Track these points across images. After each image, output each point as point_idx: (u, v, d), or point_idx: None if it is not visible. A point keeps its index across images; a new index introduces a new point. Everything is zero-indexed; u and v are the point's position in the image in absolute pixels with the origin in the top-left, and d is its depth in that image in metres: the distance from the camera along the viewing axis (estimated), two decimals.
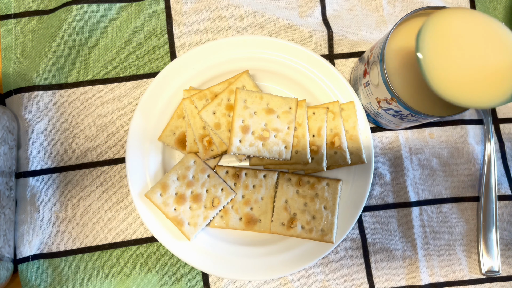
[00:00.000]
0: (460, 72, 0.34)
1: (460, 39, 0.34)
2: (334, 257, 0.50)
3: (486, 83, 0.33)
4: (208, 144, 0.48)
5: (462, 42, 0.34)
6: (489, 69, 0.33)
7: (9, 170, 0.48)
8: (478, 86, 0.34)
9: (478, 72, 0.33)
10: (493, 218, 0.50)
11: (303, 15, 0.54)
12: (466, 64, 0.34)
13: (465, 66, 0.34)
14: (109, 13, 0.52)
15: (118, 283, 0.49)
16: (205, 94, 0.48)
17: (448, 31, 0.34)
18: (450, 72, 0.34)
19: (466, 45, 0.34)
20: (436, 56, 0.34)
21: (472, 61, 0.34)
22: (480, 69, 0.33)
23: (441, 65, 0.34)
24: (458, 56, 0.34)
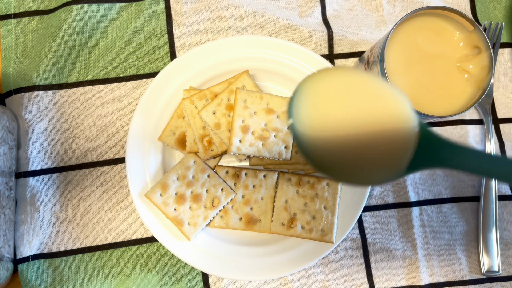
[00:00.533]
0: (336, 142, 0.28)
1: (338, 102, 0.28)
2: (334, 257, 0.50)
3: (368, 156, 0.27)
4: (208, 144, 0.48)
5: (340, 106, 0.28)
6: (372, 139, 0.27)
7: (9, 170, 0.48)
8: (357, 160, 0.28)
9: (358, 142, 0.27)
10: (493, 218, 0.50)
11: (303, 15, 0.54)
12: (344, 132, 0.28)
13: (343, 134, 0.28)
14: (109, 13, 0.52)
15: (118, 283, 0.49)
16: (205, 94, 0.48)
17: (324, 94, 0.28)
18: (325, 142, 0.28)
19: (344, 110, 0.28)
20: (309, 123, 0.28)
21: (351, 129, 0.27)
22: (360, 138, 0.27)
23: (314, 133, 0.28)
24: (335, 124, 0.28)
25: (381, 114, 0.27)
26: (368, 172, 0.28)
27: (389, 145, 0.27)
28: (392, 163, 0.27)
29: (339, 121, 0.27)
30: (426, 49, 0.42)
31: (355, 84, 0.28)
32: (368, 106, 0.27)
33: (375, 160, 0.27)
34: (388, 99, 0.28)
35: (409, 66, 0.42)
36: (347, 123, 0.27)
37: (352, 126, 0.27)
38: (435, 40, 0.42)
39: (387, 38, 0.40)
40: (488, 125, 0.52)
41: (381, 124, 0.27)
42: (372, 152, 0.27)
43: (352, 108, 0.28)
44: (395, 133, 0.27)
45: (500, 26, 0.53)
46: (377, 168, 0.28)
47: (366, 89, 0.28)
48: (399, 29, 0.42)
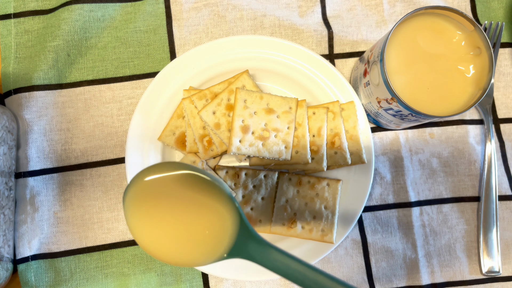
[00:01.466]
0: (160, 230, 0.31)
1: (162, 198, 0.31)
2: (334, 257, 0.50)
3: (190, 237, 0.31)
4: (208, 144, 0.48)
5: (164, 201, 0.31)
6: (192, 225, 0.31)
7: (9, 170, 0.48)
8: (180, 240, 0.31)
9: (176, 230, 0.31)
10: (493, 218, 0.50)
11: (303, 14, 0.54)
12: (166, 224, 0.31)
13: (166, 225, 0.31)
14: (108, 12, 0.52)
15: (118, 283, 0.49)
16: (205, 94, 0.48)
17: (148, 191, 0.31)
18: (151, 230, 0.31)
19: (167, 204, 0.31)
20: (139, 215, 0.31)
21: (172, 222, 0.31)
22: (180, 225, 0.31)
23: (143, 224, 0.31)
24: (160, 216, 0.31)
25: (201, 205, 0.31)
26: (190, 252, 0.31)
27: (207, 231, 0.31)
28: (211, 247, 0.31)
29: (162, 220, 0.31)
30: (426, 49, 0.42)
31: (177, 185, 0.31)
32: (188, 202, 0.31)
33: (196, 241, 0.31)
34: (208, 192, 0.31)
35: (409, 66, 0.42)
36: (169, 220, 0.31)
37: (173, 221, 0.31)
38: (436, 40, 0.42)
39: (387, 38, 0.40)
40: (488, 125, 0.52)
41: (200, 213, 0.31)
42: (193, 234, 0.31)
43: (174, 206, 0.31)
44: (213, 220, 0.31)
45: (500, 26, 0.53)
46: (198, 250, 0.31)
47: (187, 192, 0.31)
48: (399, 29, 0.42)
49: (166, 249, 0.31)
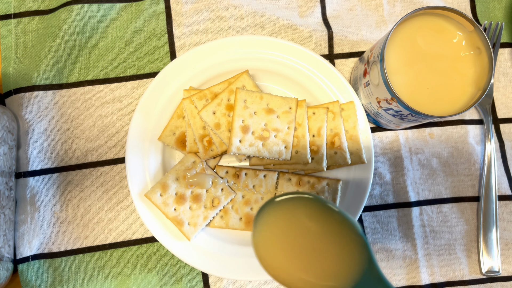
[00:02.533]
0: (290, 260, 0.32)
1: (294, 228, 0.32)
2: None
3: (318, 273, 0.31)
4: (208, 144, 0.48)
5: (295, 231, 0.32)
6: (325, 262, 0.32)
7: (9, 170, 0.48)
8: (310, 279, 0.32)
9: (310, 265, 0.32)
10: (493, 218, 0.50)
11: (303, 15, 0.54)
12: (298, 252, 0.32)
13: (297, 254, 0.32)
14: (109, 13, 0.52)
15: (118, 283, 0.49)
16: (205, 94, 0.48)
17: (283, 220, 0.32)
18: (279, 258, 0.32)
19: (299, 234, 0.32)
20: (267, 239, 0.32)
21: (304, 251, 0.32)
22: (313, 263, 0.32)
23: (270, 248, 0.32)
24: (290, 245, 0.32)
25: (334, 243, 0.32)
26: (317, 280, 0.31)
27: (336, 269, 0.31)
28: (335, 281, 0.31)
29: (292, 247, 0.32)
30: (426, 49, 0.42)
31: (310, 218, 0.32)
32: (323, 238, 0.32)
33: (328, 272, 0.31)
34: (342, 228, 0.32)
35: (409, 66, 0.42)
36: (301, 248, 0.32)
37: (304, 250, 0.32)
38: (435, 40, 0.42)
39: (387, 38, 0.40)
40: (488, 125, 0.52)
41: (331, 252, 0.31)
42: (326, 265, 0.31)
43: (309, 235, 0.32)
44: (340, 256, 0.31)
45: (500, 26, 0.53)
46: (325, 279, 0.31)
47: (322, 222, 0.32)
48: (399, 29, 0.42)
49: (293, 276, 0.32)
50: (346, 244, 0.32)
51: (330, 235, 0.32)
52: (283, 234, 0.32)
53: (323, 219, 0.32)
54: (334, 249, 0.32)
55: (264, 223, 0.32)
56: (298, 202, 0.32)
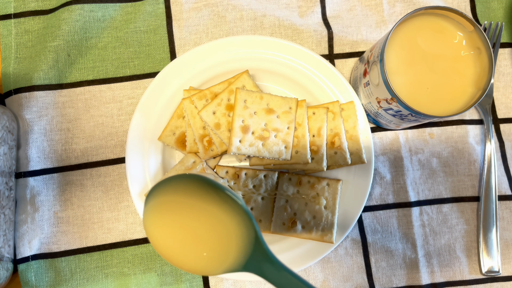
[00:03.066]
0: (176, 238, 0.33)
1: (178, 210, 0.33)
2: (334, 257, 0.50)
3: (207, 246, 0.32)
4: (208, 144, 0.48)
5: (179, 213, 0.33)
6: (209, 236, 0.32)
7: (9, 170, 0.48)
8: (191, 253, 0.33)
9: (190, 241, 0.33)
10: (493, 218, 0.50)
11: (303, 15, 0.54)
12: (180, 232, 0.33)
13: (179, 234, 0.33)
14: (109, 13, 0.52)
15: (118, 283, 0.49)
16: (205, 94, 0.48)
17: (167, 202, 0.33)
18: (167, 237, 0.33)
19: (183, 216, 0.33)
20: (155, 220, 0.33)
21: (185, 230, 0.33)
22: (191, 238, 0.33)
23: (157, 229, 0.33)
24: (174, 225, 0.33)
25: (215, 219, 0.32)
26: (206, 259, 0.32)
27: (217, 241, 0.32)
28: (219, 257, 0.32)
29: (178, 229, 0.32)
30: (426, 49, 0.42)
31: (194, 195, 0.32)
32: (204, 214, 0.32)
33: (212, 250, 0.32)
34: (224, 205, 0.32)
35: (409, 66, 0.42)
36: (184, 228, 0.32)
37: (187, 230, 0.32)
38: (435, 40, 0.42)
39: (387, 38, 0.40)
40: (488, 125, 0.52)
41: (215, 227, 0.32)
42: (210, 243, 0.32)
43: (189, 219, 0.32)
44: (222, 232, 0.32)
45: (500, 26, 0.53)
46: (213, 258, 0.32)
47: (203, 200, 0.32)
48: (399, 29, 0.42)
49: (177, 253, 0.32)
50: (231, 223, 0.31)
51: (213, 215, 0.32)
52: (169, 215, 0.32)
53: (206, 199, 0.32)
54: (219, 229, 0.32)
55: (151, 204, 0.32)
56: (183, 182, 0.32)
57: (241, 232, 0.31)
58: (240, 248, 0.31)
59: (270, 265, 0.31)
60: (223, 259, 0.32)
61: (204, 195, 0.32)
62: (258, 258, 0.31)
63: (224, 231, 0.32)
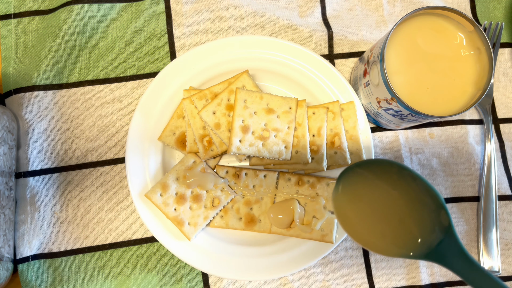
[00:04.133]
0: (366, 222, 0.34)
1: (368, 194, 0.35)
2: (334, 257, 0.50)
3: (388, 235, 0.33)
4: (208, 144, 0.48)
5: (370, 197, 0.34)
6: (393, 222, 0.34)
7: (9, 170, 0.48)
8: (381, 236, 0.34)
9: (380, 223, 0.34)
10: (493, 218, 0.50)
11: (303, 15, 0.54)
12: (371, 216, 0.34)
13: (370, 217, 0.34)
14: (109, 13, 0.52)
15: (118, 283, 0.49)
16: (205, 94, 0.48)
17: (358, 188, 0.35)
18: (356, 218, 0.35)
19: (373, 200, 0.34)
20: (346, 202, 0.35)
21: (377, 215, 0.34)
22: (384, 221, 0.34)
23: (350, 211, 0.34)
24: (365, 208, 0.35)
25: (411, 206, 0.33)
26: (391, 243, 0.33)
27: (413, 228, 0.32)
28: (410, 243, 0.32)
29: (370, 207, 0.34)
30: (426, 49, 0.42)
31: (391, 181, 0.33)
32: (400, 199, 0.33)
33: (398, 233, 0.33)
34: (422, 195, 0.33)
35: (409, 66, 0.42)
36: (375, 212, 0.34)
37: (383, 209, 0.33)
38: (435, 40, 0.42)
39: (387, 38, 0.40)
40: (488, 125, 0.52)
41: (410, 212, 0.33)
42: (397, 226, 0.33)
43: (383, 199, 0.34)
44: (421, 222, 0.32)
45: (500, 26, 0.53)
46: (399, 243, 0.33)
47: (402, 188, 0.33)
48: (399, 29, 0.42)
49: (364, 232, 0.34)
50: (424, 212, 0.32)
51: (407, 202, 0.32)
52: (361, 199, 0.33)
53: (401, 185, 0.32)
54: (411, 215, 0.32)
55: (344, 186, 0.33)
56: (377, 168, 0.33)
57: (431, 220, 0.32)
58: (428, 236, 0.32)
59: (460, 259, 0.30)
60: (407, 244, 0.32)
61: (397, 180, 0.32)
62: (448, 249, 0.31)
63: (413, 217, 0.32)
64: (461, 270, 0.30)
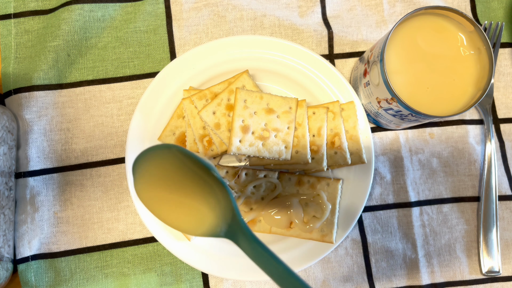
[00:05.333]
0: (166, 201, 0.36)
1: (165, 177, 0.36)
2: (334, 257, 0.50)
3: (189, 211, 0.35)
4: (208, 144, 0.48)
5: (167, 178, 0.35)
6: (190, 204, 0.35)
7: (9, 170, 0.48)
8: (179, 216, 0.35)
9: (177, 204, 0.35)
10: (493, 218, 0.50)
11: (303, 15, 0.54)
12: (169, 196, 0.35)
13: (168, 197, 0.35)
14: (108, 13, 0.52)
15: (118, 283, 0.49)
16: (205, 94, 0.48)
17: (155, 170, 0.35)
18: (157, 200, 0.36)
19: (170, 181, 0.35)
20: (143, 185, 0.35)
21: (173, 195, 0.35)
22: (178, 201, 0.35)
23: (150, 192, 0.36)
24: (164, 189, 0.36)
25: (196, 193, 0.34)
26: (189, 221, 0.35)
27: (202, 207, 0.34)
28: (204, 221, 0.34)
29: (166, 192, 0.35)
30: (426, 49, 0.42)
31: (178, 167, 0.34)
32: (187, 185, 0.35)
33: (193, 214, 0.35)
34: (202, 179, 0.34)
35: (409, 66, 0.42)
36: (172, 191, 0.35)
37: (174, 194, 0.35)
38: (435, 40, 0.42)
39: (387, 38, 0.40)
40: (488, 125, 0.52)
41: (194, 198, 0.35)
42: (191, 207, 0.35)
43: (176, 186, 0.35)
44: (201, 198, 0.34)
45: (500, 26, 0.53)
46: (194, 221, 0.35)
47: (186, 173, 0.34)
48: (399, 29, 0.42)
49: (165, 214, 0.35)
50: (211, 194, 0.33)
51: (192, 185, 0.34)
52: (155, 181, 0.35)
53: (190, 170, 0.34)
54: (197, 197, 0.34)
55: (139, 171, 0.34)
56: (167, 153, 0.34)
57: (217, 202, 0.33)
58: (218, 216, 0.34)
59: (243, 237, 0.32)
60: (203, 223, 0.34)
61: (184, 165, 0.34)
62: (235, 228, 0.33)
63: (202, 199, 0.34)
64: (244, 247, 0.32)
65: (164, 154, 0.34)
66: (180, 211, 0.35)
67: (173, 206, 0.35)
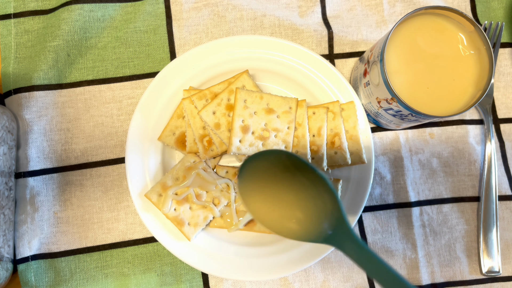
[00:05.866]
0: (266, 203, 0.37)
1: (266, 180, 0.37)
2: (334, 257, 0.50)
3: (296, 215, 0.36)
4: (208, 144, 0.48)
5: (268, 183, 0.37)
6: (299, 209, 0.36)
7: (9, 170, 0.48)
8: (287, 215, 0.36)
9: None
10: (493, 218, 0.50)
11: (303, 15, 0.54)
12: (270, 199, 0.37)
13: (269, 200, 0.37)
14: (108, 13, 0.52)
15: (118, 283, 0.49)
16: (205, 94, 0.48)
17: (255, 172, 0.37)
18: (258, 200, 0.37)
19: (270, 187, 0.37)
20: (249, 189, 0.37)
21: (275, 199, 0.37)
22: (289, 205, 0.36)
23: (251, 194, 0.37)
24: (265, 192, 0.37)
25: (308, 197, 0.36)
26: (294, 228, 0.36)
27: (312, 215, 0.35)
28: (310, 228, 0.35)
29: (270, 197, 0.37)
30: (426, 49, 0.42)
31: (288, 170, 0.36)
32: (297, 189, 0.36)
33: (299, 219, 0.36)
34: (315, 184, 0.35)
35: (409, 66, 0.42)
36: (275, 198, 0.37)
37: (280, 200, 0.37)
38: (435, 40, 0.42)
39: (387, 38, 0.40)
40: (488, 125, 0.52)
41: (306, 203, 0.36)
42: (298, 213, 0.36)
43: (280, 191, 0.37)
44: (313, 216, 0.35)
45: (500, 26, 0.53)
46: (300, 226, 0.36)
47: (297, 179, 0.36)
48: (399, 28, 0.42)
49: (269, 219, 0.36)
50: (317, 199, 0.34)
51: (302, 189, 0.35)
52: (261, 185, 0.36)
53: (296, 174, 0.35)
54: (305, 202, 0.35)
55: (246, 175, 0.35)
56: (275, 157, 0.36)
57: (324, 206, 0.34)
58: (321, 221, 0.34)
59: (351, 243, 0.33)
60: (305, 228, 0.35)
61: (294, 171, 0.35)
62: (341, 234, 0.33)
63: (308, 204, 0.35)
64: (351, 253, 0.33)
65: (269, 159, 0.35)
66: (283, 215, 0.35)
67: (276, 210, 0.36)
